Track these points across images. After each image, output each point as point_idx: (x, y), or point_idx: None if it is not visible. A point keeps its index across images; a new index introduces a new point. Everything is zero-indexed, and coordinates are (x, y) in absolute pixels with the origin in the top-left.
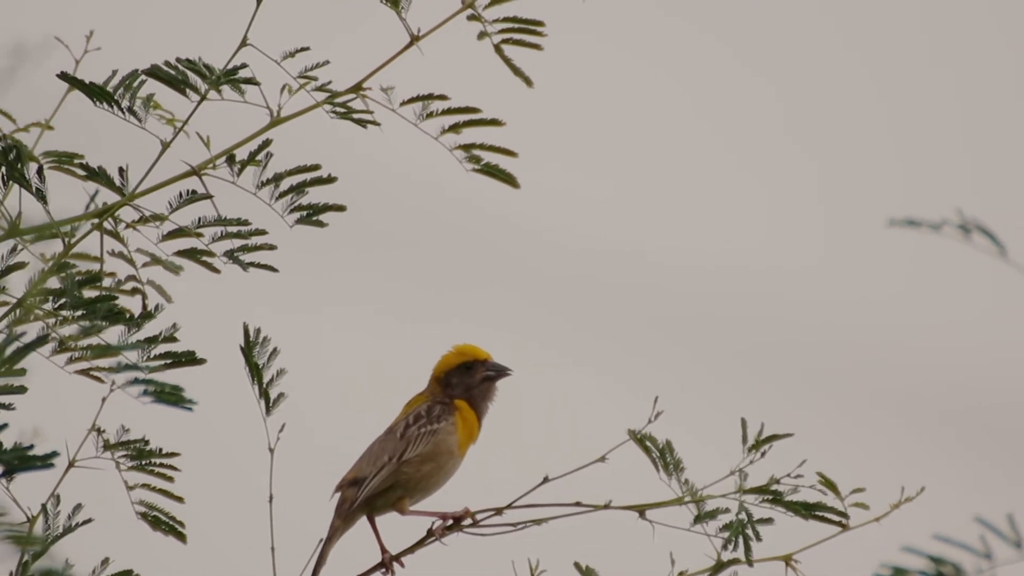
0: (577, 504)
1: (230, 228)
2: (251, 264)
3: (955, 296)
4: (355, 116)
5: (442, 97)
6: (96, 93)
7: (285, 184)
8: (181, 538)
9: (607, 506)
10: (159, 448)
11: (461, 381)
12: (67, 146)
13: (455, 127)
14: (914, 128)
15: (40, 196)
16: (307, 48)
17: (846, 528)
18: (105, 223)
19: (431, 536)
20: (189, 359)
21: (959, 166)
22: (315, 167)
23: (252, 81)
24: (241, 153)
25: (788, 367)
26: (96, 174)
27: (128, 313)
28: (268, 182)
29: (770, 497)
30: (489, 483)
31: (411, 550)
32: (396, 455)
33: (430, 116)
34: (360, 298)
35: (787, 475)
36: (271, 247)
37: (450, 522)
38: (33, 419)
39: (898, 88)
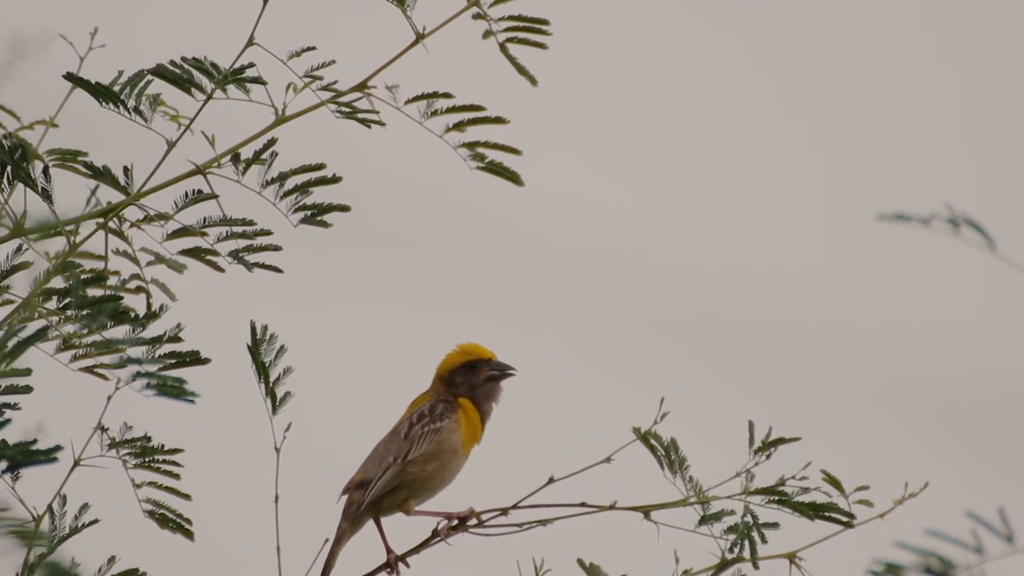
0: (582, 504)
1: (235, 228)
2: (256, 264)
3: (956, 295)
4: (360, 116)
5: (447, 95)
6: (102, 93)
7: (290, 183)
8: (189, 536)
9: (612, 507)
10: (161, 444)
11: (465, 380)
12: (69, 144)
13: (459, 125)
14: (916, 128)
15: (46, 195)
16: (313, 48)
17: (849, 525)
18: (110, 222)
19: (436, 536)
20: (193, 359)
21: (961, 166)
22: (320, 166)
23: (259, 80)
24: (246, 152)
25: (790, 366)
26: (101, 173)
27: (133, 313)
28: (273, 181)
29: (777, 498)
30: (494, 483)
31: (416, 550)
32: (401, 455)
33: (435, 114)
34: (363, 297)
35: (793, 476)
36: (276, 248)
37: (455, 522)
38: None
39: (900, 88)
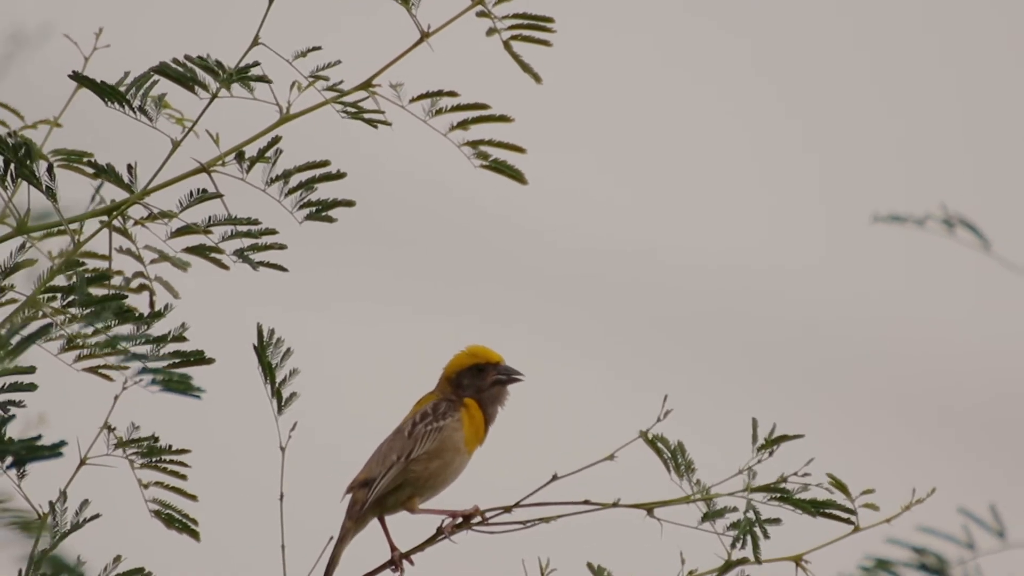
0: (586, 502)
1: (240, 227)
2: (261, 263)
3: (955, 295)
4: (366, 116)
5: (451, 94)
6: (108, 93)
7: (294, 180)
8: (195, 536)
9: (616, 504)
10: (169, 445)
11: (472, 383)
12: (72, 143)
13: (464, 123)
14: (916, 128)
15: (50, 194)
16: (318, 47)
17: (857, 528)
18: (114, 220)
19: (441, 534)
20: (198, 359)
21: (961, 166)
22: (324, 163)
23: (264, 79)
24: (250, 150)
25: (790, 365)
26: (105, 172)
27: (137, 311)
28: (277, 179)
29: (779, 495)
30: (498, 482)
31: (421, 548)
32: (404, 454)
33: (439, 113)
34: (366, 296)
35: (795, 473)
36: (281, 246)
37: (460, 520)
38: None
39: (900, 88)
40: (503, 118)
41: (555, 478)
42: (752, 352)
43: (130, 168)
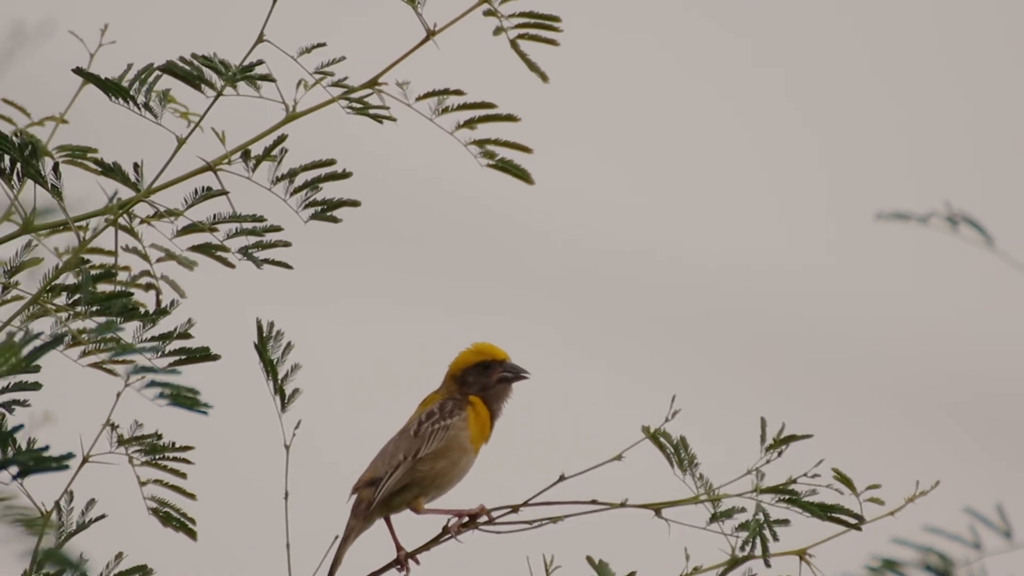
0: (593, 502)
1: (245, 224)
2: (266, 261)
3: (960, 291)
4: (371, 112)
5: (458, 92)
6: (113, 89)
7: (300, 179)
8: (192, 535)
9: (623, 504)
10: (171, 443)
11: (477, 380)
12: (77, 140)
13: (470, 122)
14: (921, 126)
15: (55, 192)
16: (323, 44)
17: (862, 522)
18: (120, 218)
19: (447, 533)
20: (203, 355)
21: (966, 164)
22: (330, 162)
23: (268, 78)
24: (256, 148)
25: (795, 364)
26: (111, 169)
27: (143, 309)
28: (283, 177)
29: (787, 497)
30: (505, 481)
31: (427, 547)
32: (411, 453)
33: (445, 111)
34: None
35: (804, 474)
36: (286, 244)
37: (466, 519)
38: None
39: (905, 87)
40: (510, 117)
41: (562, 478)
42: (757, 351)
43: (136, 166)
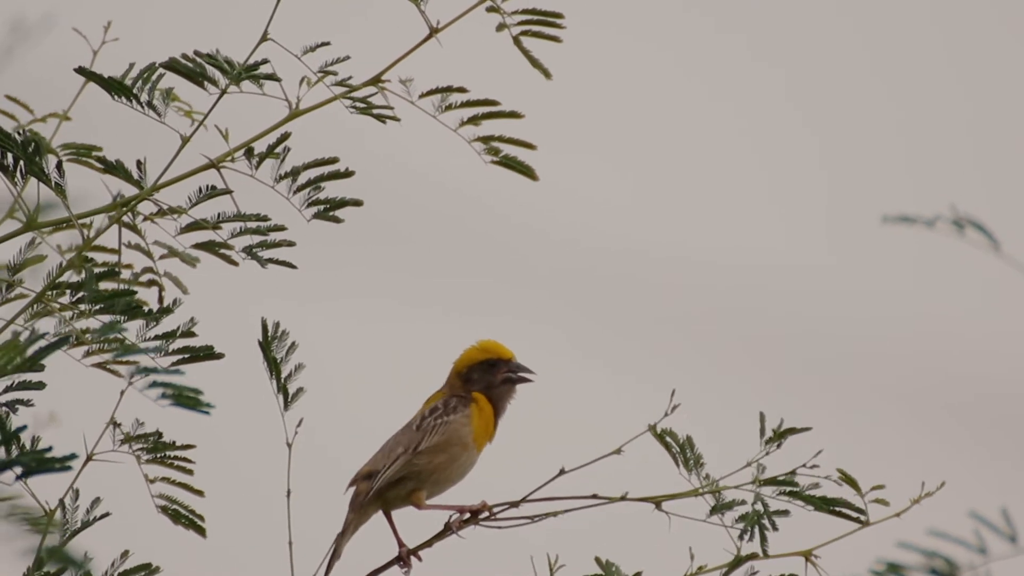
0: (594, 496)
1: (249, 224)
2: (270, 260)
3: (960, 290)
4: (375, 112)
5: (461, 89)
6: (116, 88)
7: (303, 178)
8: (201, 532)
9: (623, 498)
10: (173, 441)
11: (482, 378)
12: (79, 138)
13: (474, 119)
14: (921, 126)
15: (60, 191)
16: (327, 43)
17: (867, 523)
18: (124, 216)
19: (448, 529)
20: (207, 354)
21: (966, 164)
22: (332, 160)
23: (273, 76)
24: (259, 146)
25: (796, 362)
26: (114, 167)
27: (147, 307)
28: (286, 175)
29: (788, 490)
30: (505, 477)
31: (428, 543)
32: (411, 447)
33: (449, 108)
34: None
35: (803, 465)
36: (290, 243)
37: (467, 515)
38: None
39: (906, 86)
40: (513, 114)
41: (562, 472)
42: (757, 350)
43: (139, 164)
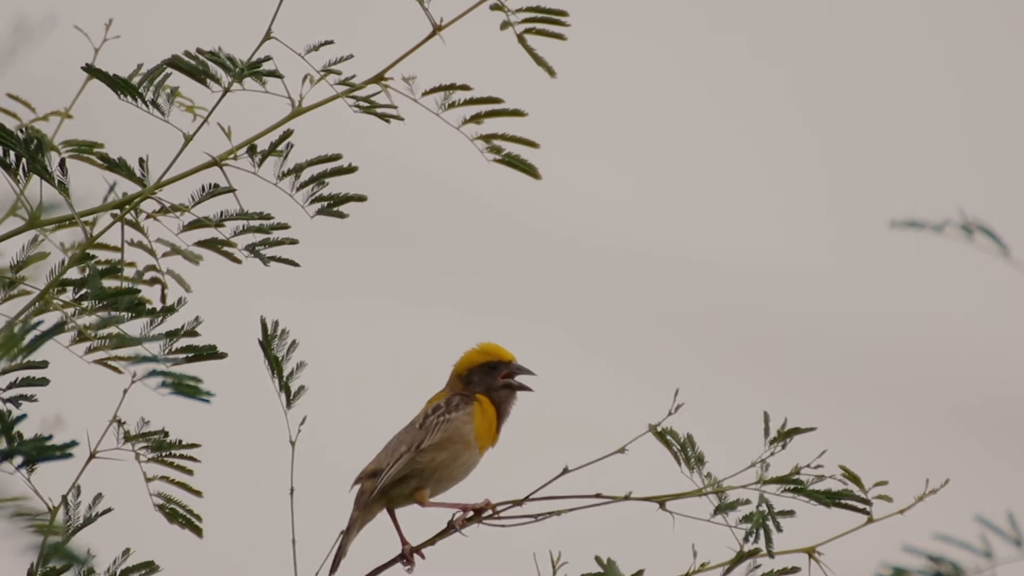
0: (597, 495)
1: (252, 222)
2: (272, 258)
3: (961, 290)
4: (378, 110)
5: (464, 87)
6: (120, 86)
7: (306, 175)
8: (197, 532)
9: (627, 497)
10: (178, 440)
11: (483, 380)
12: (79, 135)
13: (476, 117)
14: (921, 126)
15: (62, 189)
16: (331, 42)
17: (870, 520)
18: (127, 214)
19: (451, 528)
20: (210, 353)
21: (968, 167)
22: (336, 157)
23: (276, 74)
24: (262, 144)
25: (798, 363)
26: (117, 165)
27: (150, 305)
28: (289, 173)
29: (792, 487)
30: (509, 475)
31: (431, 542)
32: (414, 445)
33: (452, 106)
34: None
35: (808, 465)
36: (293, 241)
37: (470, 514)
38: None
39: (907, 87)
40: (516, 112)
41: (566, 471)
42: (758, 350)
43: (142, 162)
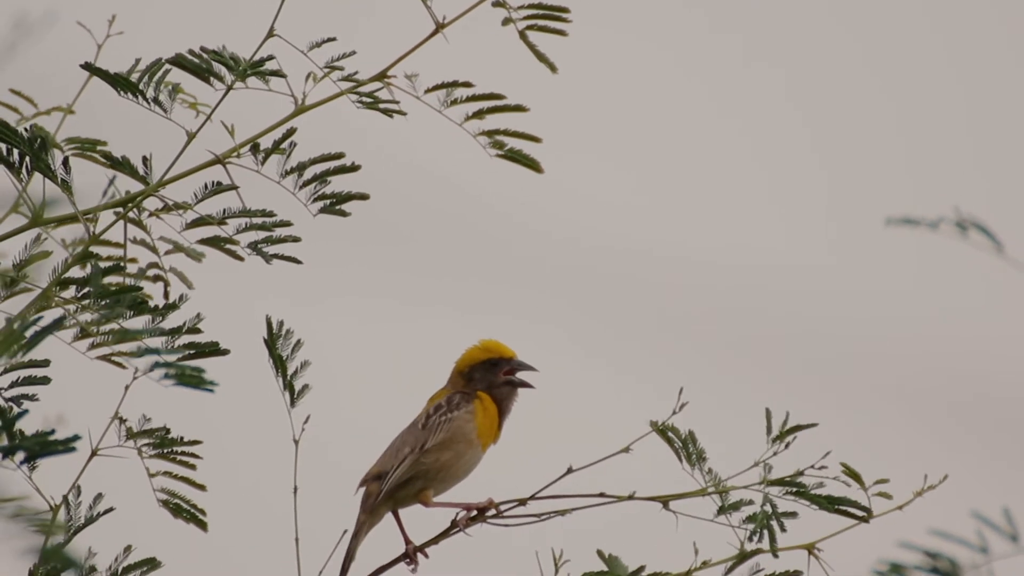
0: (601, 495)
1: (255, 220)
2: (275, 256)
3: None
4: (381, 106)
5: (467, 84)
6: (121, 83)
7: (309, 173)
8: (202, 526)
9: (631, 497)
10: (180, 436)
11: (484, 378)
12: (81, 133)
13: (479, 113)
14: (921, 126)
15: (66, 187)
16: (333, 39)
17: (867, 521)
18: (129, 212)
19: (455, 527)
20: (213, 350)
21: (968, 167)
22: (339, 155)
23: (279, 73)
24: (265, 141)
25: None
26: (120, 163)
27: (153, 303)
28: (292, 171)
29: (794, 490)
30: (512, 475)
31: (435, 541)
32: (417, 446)
33: (454, 103)
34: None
35: (811, 466)
36: (295, 239)
37: (474, 513)
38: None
39: (907, 86)
40: (518, 108)
41: (570, 471)
42: (758, 350)
43: (145, 160)
